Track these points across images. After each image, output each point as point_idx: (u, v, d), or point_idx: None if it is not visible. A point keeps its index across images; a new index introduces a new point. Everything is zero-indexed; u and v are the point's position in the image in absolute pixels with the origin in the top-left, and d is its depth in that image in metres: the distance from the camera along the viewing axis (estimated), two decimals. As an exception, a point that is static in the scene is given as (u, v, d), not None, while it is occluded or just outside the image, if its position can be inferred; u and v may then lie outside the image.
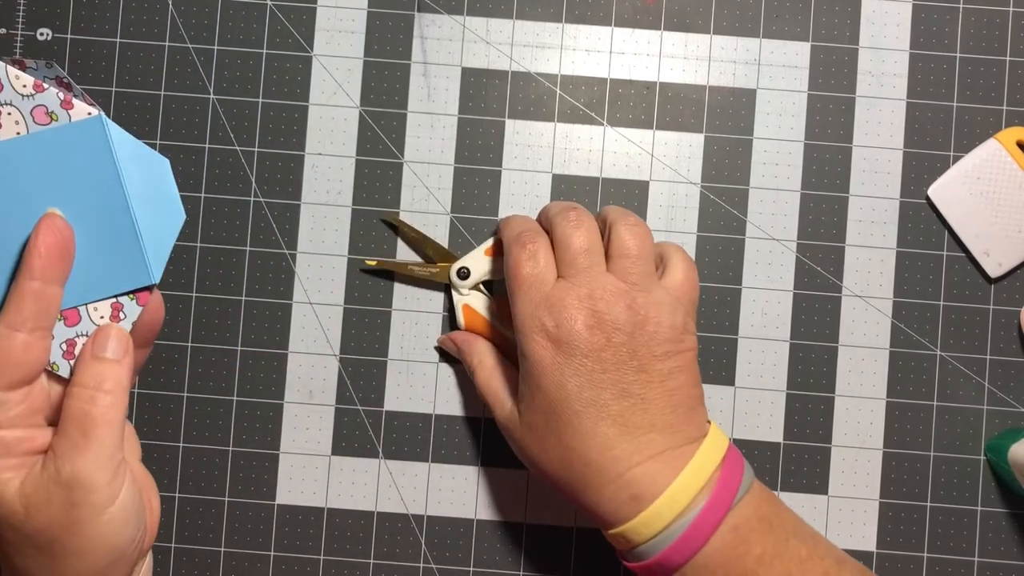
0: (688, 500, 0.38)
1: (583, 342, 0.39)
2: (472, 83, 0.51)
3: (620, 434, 0.39)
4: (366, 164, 0.51)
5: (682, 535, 0.38)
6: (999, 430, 0.50)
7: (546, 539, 0.50)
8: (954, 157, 0.51)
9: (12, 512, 0.32)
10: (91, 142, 0.34)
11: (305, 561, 0.50)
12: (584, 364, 0.39)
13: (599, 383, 0.39)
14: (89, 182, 0.34)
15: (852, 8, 0.51)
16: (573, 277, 0.40)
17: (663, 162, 0.51)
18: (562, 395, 0.39)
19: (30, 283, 0.32)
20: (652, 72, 0.51)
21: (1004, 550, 0.49)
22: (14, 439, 0.32)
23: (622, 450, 0.39)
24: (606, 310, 0.39)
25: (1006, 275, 0.50)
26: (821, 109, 0.51)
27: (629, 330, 0.39)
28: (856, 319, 0.50)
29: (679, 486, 0.38)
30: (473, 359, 0.47)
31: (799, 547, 0.39)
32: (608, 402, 0.39)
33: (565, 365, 0.39)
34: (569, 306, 0.39)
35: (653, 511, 0.38)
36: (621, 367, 0.39)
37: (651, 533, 0.38)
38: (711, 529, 0.38)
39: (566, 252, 0.41)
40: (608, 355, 0.39)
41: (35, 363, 0.32)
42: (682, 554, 0.38)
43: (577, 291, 0.39)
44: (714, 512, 0.38)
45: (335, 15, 0.51)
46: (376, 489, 0.50)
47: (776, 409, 0.50)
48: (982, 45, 0.51)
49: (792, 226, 0.51)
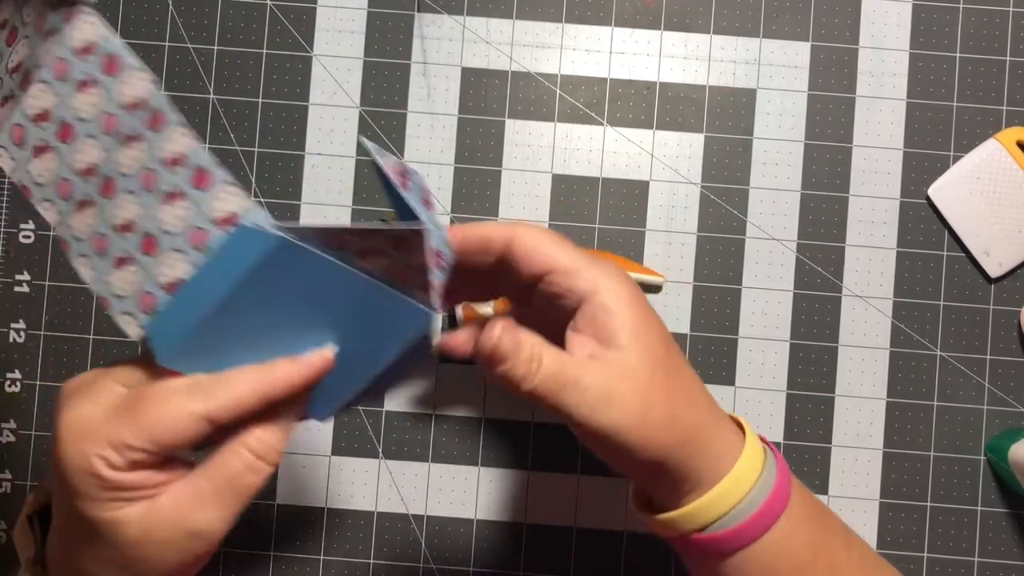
0: (761, 466, 0.36)
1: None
2: (472, 83, 0.51)
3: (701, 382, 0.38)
4: (366, 164, 0.51)
5: (771, 492, 0.35)
6: (999, 430, 0.50)
7: (546, 539, 0.50)
8: (954, 157, 0.51)
9: (126, 542, 0.32)
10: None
11: (305, 561, 0.50)
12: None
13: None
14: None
15: (852, 8, 0.51)
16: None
17: (663, 162, 0.51)
18: (661, 322, 0.37)
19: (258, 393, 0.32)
20: (652, 72, 0.51)
21: (1004, 550, 0.49)
22: (144, 478, 0.32)
23: (708, 397, 0.37)
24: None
25: (1006, 275, 0.50)
26: (821, 109, 0.51)
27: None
28: (856, 319, 0.50)
29: (751, 450, 0.36)
30: (534, 350, 0.35)
31: (833, 524, 0.38)
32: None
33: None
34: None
35: (743, 466, 0.35)
36: None
37: (742, 493, 0.35)
38: (785, 499, 0.36)
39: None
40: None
41: (186, 443, 0.32)
42: (763, 524, 0.35)
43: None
44: (785, 476, 0.36)
45: (335, 15, 0.51)
46: (376, 489, 0.50)
47: (776, 409, 0.50)
48: (982, 45, 0.51)
49: (792, 226, 0.51)
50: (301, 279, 0.33)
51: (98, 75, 0.32)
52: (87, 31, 0.32)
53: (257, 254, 0.32)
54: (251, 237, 0.32)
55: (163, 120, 0.32)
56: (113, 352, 0.50)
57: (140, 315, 0.34)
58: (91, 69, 0.32)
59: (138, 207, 0.33)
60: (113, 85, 0.32)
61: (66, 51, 0.32)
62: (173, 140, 0.32)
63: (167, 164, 0.32)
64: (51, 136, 0.33)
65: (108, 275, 0.33)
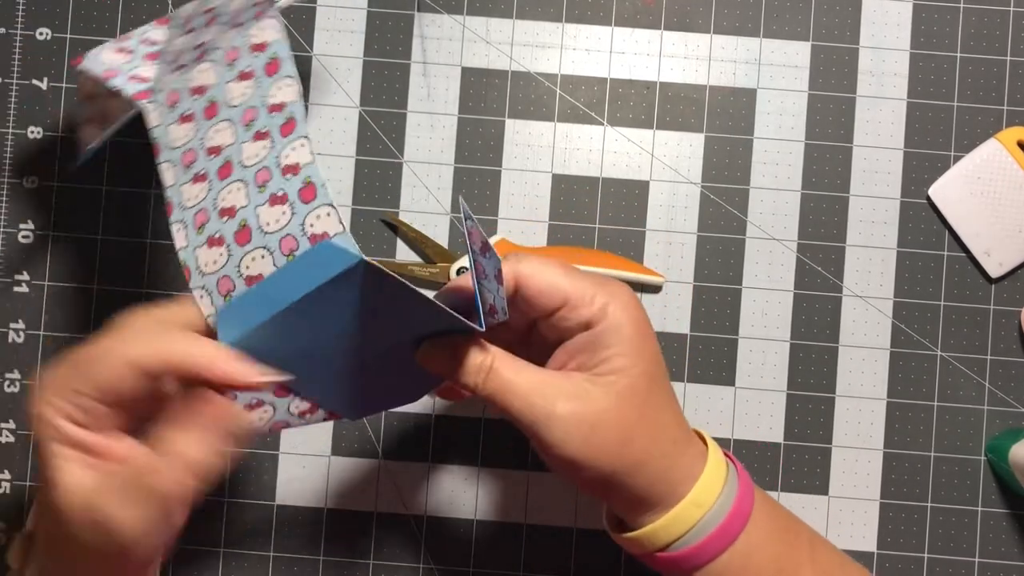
0: (721, 486, 0.38)
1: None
2: (472, 83, 0.51)
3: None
4: (366, 164, 0.51)
5: (730, 511, 0.37)
6: (999, 430, 0.50)
7: (546, 539, 0.50)
8: (954, 157, 0.51)
9: (56, 509, 0.31)
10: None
11: (305, 561, 0.50)
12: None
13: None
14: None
15: (852, 8, 0.51)
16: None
17: (663, 162, 0.51)
18: (659, 351, 0.38)
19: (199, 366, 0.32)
20: (652, 72, 0.51)
21: (1004, 550, 0.49)
22: (90, 439, 0.32)
23: (678, 426, 0.38)
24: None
25: (1006, 275, 0.50)
26: (821, 109, 0.51)
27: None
28: (856, 319, 0.50)
29: (714, 460, 0.38)
30: (486, 360, 0.36)
31: (799, 538, 0.40)
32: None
33: (650, 322, 0.39)
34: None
35: (702, 487, 0.37)
36: None
37: (700, 515, 0.37)
38: (744, 517, 0.37)
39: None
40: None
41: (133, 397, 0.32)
42: (722, 542, 0.37)
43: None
44: (747, 494, 0.38)
45: (335, 15, 0.51)
46: (376, 489, 0.50)
47: (776, 409, 0.50)
48: (982, 45, 0.51)
49: (792, 226, 0.51)
50: (366, 304, 0.35)
51: (259, 71, 0.35)
52: (267, 31, 0.36)
53: (335, 270, 0.34)
54: (335, 254, 0.34)
55: (294, 128, 0.35)
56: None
57: (216, 295, 0.35)
58: (256, 64, 0.35)
59: (245, 198, 0.35)
60: (267, 84, 0.35)
61: (242, 41, 0.36)
62: (296, 149, 0.35)
63: (283, 170, 0.35)
64: (200, 110, 0.36)
65: (199, 248, 0.35)
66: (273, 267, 0.35)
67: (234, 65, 0.36)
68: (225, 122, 0.36)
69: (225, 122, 0.36)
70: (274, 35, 0.36)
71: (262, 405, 0.38)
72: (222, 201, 0.35)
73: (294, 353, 0.36)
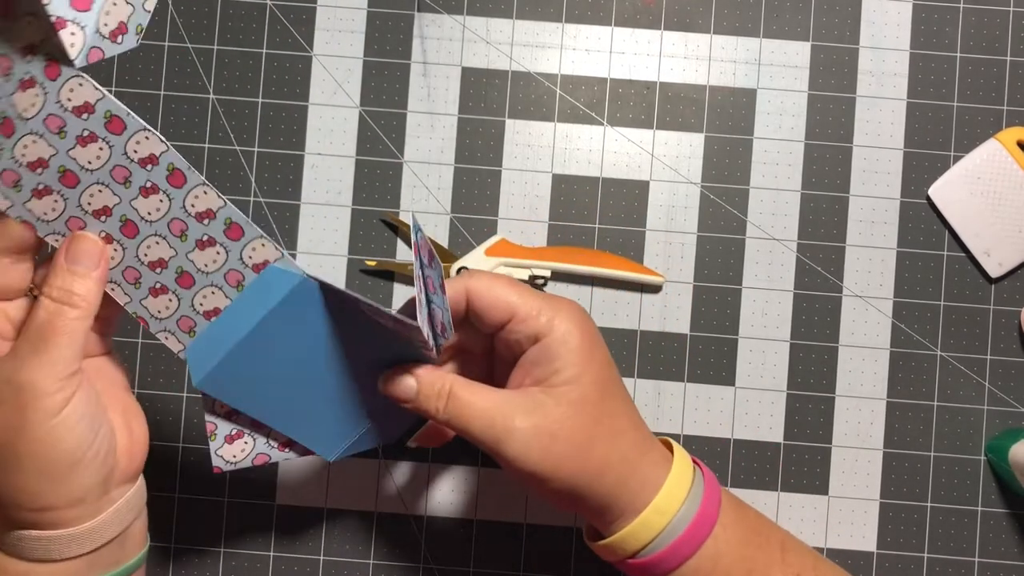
0: (686, 493, 0.39)
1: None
2: (472, 83, 0.51)
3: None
4: (366, 164, 0.51)
5: (695, 516, 0.38)
6: (999, 430, 0.50)
7: (546, 539, 0.50)
8: (954, 157, 0.51)
9: None
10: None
11: (305, 561, 0.50)
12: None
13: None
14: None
15: (852, 8, 0.51)
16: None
17: (663, 162, 0.51)
18: (609, 360, 0.40)
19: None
20: (652, 72, 0.51)
21: (1004, 550, 0.49)
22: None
23: (637, 432, 0.39)
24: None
25: (1006, 275, 0.50)
26: (821, 109, 0.51)
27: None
28: (856, 319, 0.50)
29: (679, 466, 0.39)
30: (444, 385, 0.38)
31: (769, 540, 0.41)
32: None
33: (599, 333, 0.40)
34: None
35: (666, 494, 0.38)
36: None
37: (665, 522, 0.38)
38: (711, 523, 0.38)
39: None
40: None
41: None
42: (688, 548, 0.38)
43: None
44: (713, 499, 0.39)
45: (335, 15, 0.51)
46: (376, 489, 0.50)
47: (776, 409, 0.50)
48: (982, 45, 0.51)
49: (792, 226, 0.51)
50: (317, 321, 0.37)
51: (100, 131, 0.34)
52: (82, 93, 0.33)
53: (282, 292, 0.37)
54: (279, 278, 0.37)
55: (184, 178, 0.35)
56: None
57: (180, 333, 0.38)
58: (92, 127, 0.34)
59: (169, 249, 0.36)
60: (120, 142, 0.34)
61: (58, 108, 0.33)
62: (199, 198, 0.35)
63: (196, 218, 0.36)
64: (53, 181, 0.35)
65: (144, 300, 0.37)
66: (226, 299, 0.37)
67: (65, 131, 0.34)
68: (95, 186, 0.35)
69: (95, 186, 0.35)
70: (95, 94, 0.33)
71: (242, 436, 0.39)
72: (145, 257, 0.36)
73: (266, 381, 0.38)
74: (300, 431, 0.40)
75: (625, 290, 0.51)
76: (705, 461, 0.50)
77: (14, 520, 0.35)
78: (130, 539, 0.38)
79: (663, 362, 0.50)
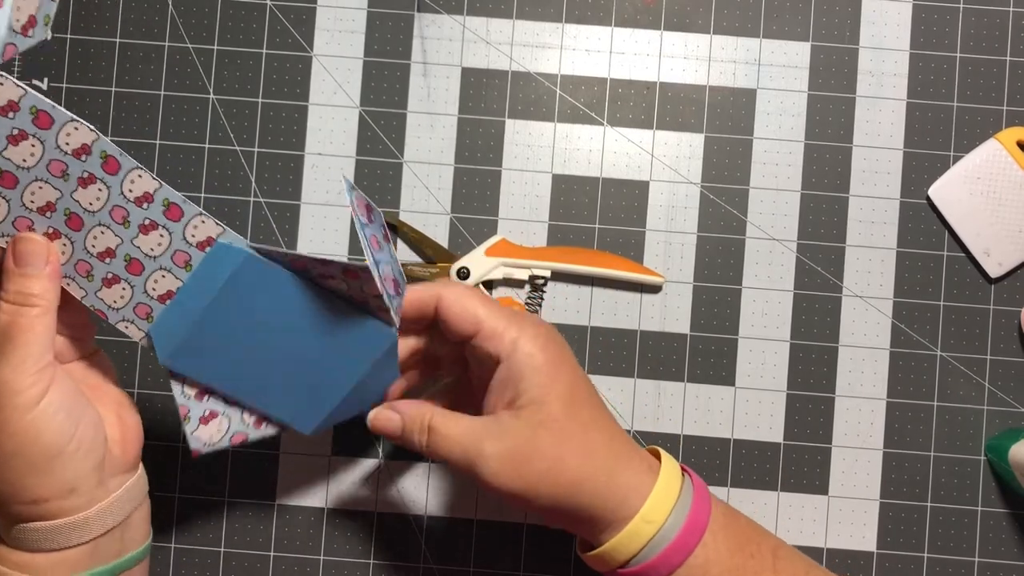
0: (674, 501, 0.39)
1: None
2: (472, 83, 0.51)
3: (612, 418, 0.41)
4: (366, 164, 0.51)
5: (683, 525, 0.38)
6: (999, 430, 0.50)
7: (546, 539, 0.50)
8: (954, 157, 0.51)
9: None
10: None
11: (305, 561, 0.50)
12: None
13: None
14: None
15: (852, 8, 0.51)
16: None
17: (663, 162, 0.51)
18: (578, 375, 0.40)
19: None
20: (652, 72, 0.51)
21: (1004, 550, 0.49)
22: None
23: (612, 443, 0.40)
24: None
25: (1006, 275, 0.50)
26: (821, 109, 0.51)
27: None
28: (856, 319, 0.50)
29: (667, 475, 0.39)
30: (424, 419, 0.40)
31: (761, 548, 0.41)
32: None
33: (568, 349, 0.41)
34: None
35: (653, 503, 0.38)
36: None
37: (653, 531, 0.38)
38: (700, 530, 0.38)
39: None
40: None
41: None
42: (678, 557, 0.38)
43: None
44: (702, 507, 0.39)
45: (335, 15, 0.51)
46: (376, 489, 0.50)
47: (776, 409, 0.50)
48: (982, 45, 0.51)
49: (792, 226, 0.51)
50: (271, 292, 0.38)
51: (29, 128, 0.34)
52: (4, 92, 0.33)
53: (230, 267, 0.37)
54: (225, 253, 0.37)
55: (118, 164, 0.35)
56: (112, 352, 0.50)
57: (139, 320, 0.38)
58: (20, 124, 0.34)
59: (115, 237, 0.37)
60: (51, 136, 0.34)
61: None
62: (135, 182, 0.36)
63: (135, 202, 0.36)
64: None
65: (99, 291, 0.37)
66: (177, 281, 0.38)
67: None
68: (35, 183, 0.35)
69: (35, 183, 0.35)
70: (16, 91, 0.33)
71: (216, 416, 0.39)
72: (93, 248, 0.37)
73: (232, 355, 0.39)
74: (273, 405, 0.40)
75: (625, 290, 0.51)
76: (705, 461, 0.50)
77: (13, 515, 0.36)
78: (131, 529, 0.39)
79: (663, 362, 0.50)
